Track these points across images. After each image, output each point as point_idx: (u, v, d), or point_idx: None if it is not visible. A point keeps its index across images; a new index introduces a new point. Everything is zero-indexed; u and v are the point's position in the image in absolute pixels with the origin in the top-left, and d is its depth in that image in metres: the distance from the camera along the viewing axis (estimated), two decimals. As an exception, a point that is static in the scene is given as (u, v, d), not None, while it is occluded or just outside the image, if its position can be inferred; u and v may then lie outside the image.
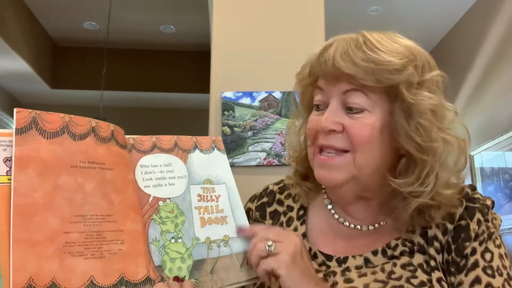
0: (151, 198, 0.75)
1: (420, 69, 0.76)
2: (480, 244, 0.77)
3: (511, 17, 3.30)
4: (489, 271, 0.74)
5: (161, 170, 0.78)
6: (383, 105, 0.76)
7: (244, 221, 0.82)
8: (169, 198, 0.76)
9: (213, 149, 0.86)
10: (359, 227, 0.84)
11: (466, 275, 0.75)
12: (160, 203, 0.75)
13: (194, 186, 0.80)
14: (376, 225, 0.83)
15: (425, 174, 0.75)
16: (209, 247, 0.76)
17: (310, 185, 0.89)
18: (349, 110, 0.76)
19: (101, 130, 0.72)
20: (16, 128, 0.65)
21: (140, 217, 0.72)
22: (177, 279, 0.70)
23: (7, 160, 0.64)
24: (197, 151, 0.84)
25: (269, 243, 0.72)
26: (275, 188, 0.95)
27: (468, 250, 0.76)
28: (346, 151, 0.77)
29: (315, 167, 0.81)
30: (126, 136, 0.78)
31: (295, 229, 0.87)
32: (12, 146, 0.64)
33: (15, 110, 0.66)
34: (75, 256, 0.63)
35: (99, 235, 0.66)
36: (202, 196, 0.80)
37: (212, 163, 0.84)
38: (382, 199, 0.82)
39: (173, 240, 0.74)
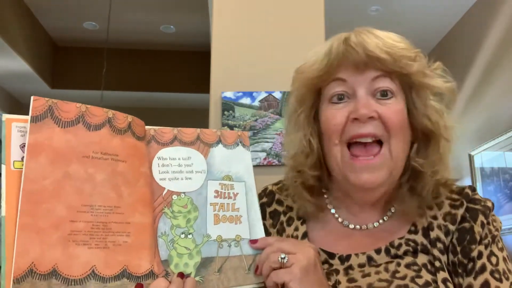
0: (165, 191, 0.74)
1: (425, 59, 0.82)
2: (486, 247, 0.77)
3: (511, 17, 3.30)
4: (497, 275, 0.75)
5: (179, 164, 0.77)
6: (400, 92, 0.80)
7: (258, 223, 0.80)
8: (183, 193, 0.76)
9: (238, 144, 0.84)
10: (359, 226, 0.85)
11: (475, 278, 0.76)
12: (174, 196, 0.75)
13: (212, 182, 0.79)
14: (381, 220, 0.84)
15: (443, 151, 0.80)
16: (219, 245, 0.75)
17: (315, 200, 0.87)
18: (382, 95, 0.78)
19: (117, 121, 0.72)
20: (31, 116, 0.65)
21: (150, 210, 0.72)
22: (181, 275, 0.69)
23: (24, 146, 0.64)
24: (220, 145, 0.82)
25: (282, 255, 0.71)
26: (274, 188, 0.95)
27: (474, 253, 0.77)
28: (380, 143, 0.78)
29: (351, 172, 0.78)
30: (147, 127, 0.77)
31: (296, 229, 0.87)
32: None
33: (32, 98, 0.66)
34: (79, 245, 0.63)
35: (105, 226, 0.66)
36: (219, 193, 0.79)
37: (234, 158, 0.82)
38: (389, 194, 0.83)
39: (182, 236, 0.73)
